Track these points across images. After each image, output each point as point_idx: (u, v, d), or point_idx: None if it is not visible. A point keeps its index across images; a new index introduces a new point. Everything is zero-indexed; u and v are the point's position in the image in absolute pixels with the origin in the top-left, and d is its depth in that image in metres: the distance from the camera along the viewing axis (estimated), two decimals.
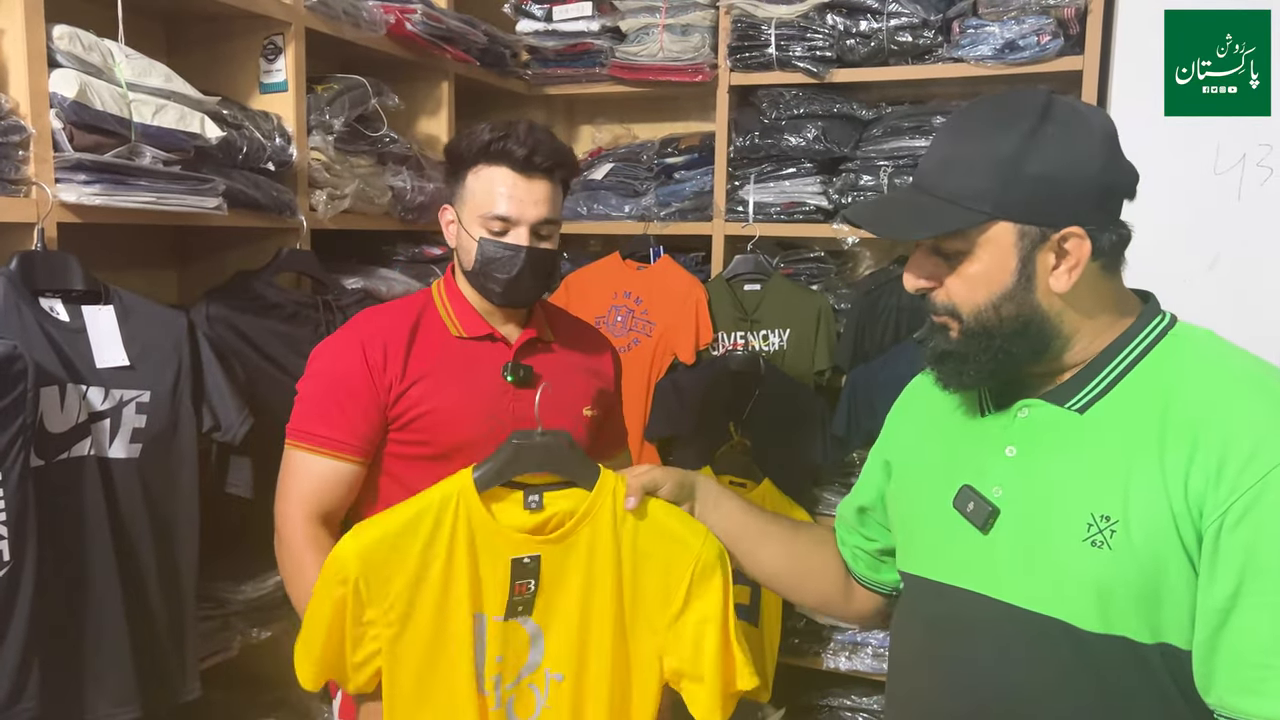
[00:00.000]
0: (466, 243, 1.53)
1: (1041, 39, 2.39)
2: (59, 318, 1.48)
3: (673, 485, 1.30)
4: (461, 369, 1.55)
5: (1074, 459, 0.99)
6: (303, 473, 1.47)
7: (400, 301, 1.65)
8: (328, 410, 1.48)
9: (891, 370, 2.50)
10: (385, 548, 1.21)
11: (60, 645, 1.45)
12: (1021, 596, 1.00)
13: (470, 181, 1.52)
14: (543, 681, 1.28)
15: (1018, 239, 0.97)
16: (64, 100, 1.47)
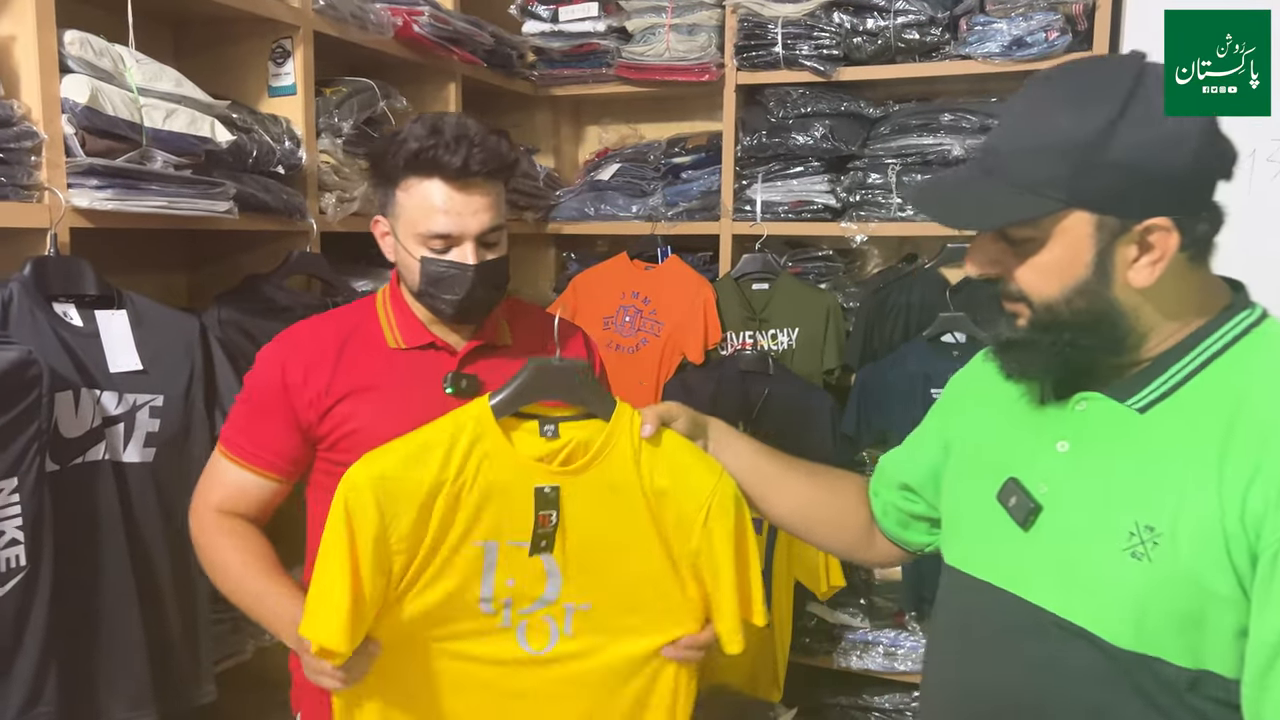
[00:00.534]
0: (407, 261, 1.41)
1: (1049, 35, 2.39)
2: (72, 323, 1.49)
3: (687, 420, 1.28)
4: (396, 383, 1.43)
5: (1126, 461, 0.92)
6: (220, 478, 1.42)
7: (341, 310, 1.56)
8: (249, 423, 1.42)
9: (901, 369, 2.50)
10: (397, 472, 1.18)
11: (76, 649, 1.45)
12: (1054, 602, 0.95)
13: (401, 197, 1.39)
14: (561, 615, 1.27)
15: (1095, 230, 0.89)
16: (76, 106, 1.47)
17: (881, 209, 2.62)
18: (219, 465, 1.42)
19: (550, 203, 2.98)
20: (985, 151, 0.96)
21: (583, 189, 2.99)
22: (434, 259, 1.38)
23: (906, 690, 2.69)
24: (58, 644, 1.37)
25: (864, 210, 2.64)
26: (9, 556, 1.31)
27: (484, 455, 1.20)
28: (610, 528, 1.24)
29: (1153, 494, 0.89)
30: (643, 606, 1.28)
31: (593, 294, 2.85)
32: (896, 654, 2.61)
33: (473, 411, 1.22)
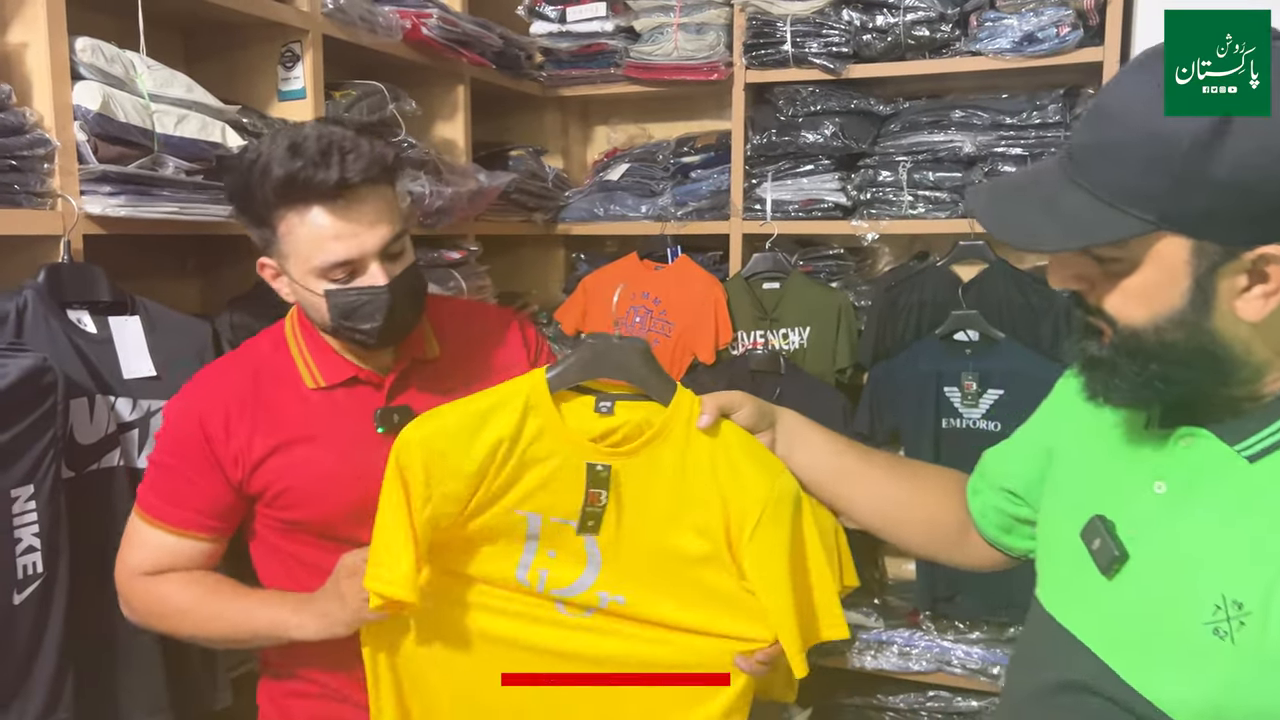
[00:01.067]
0: (310, 299, 1.27)
1: (1061, 30, 2.37)
2: (86, 329, 1.49)
3: (751, 410, 1.17)
4: (323, 428, 1.33)
5: (1224, 517, 0.80)
6: (143, 544, 1.32)
7: (249, 347, 1.41)
8: (171, 484, 1.31)
9: (913, 367, 2.50)
10: (446, 433, 1.15)
11: (94, 655, 1.46)
12: (1129, 669, 0.84)
13: (284, 233, 1.23)
14: (595, 603, 1.21)
15: (1191, 256, 0.76)
16: (88, 113, 1.48)
17: (892, 207, 2.61)
18: (141, 531, 1.32)
19: (559, 204, 2.98)
20: (1073, 142, 0.83)
21: (592, 189, 2.99)
22: (340, 290, 1.24)
23: (921, 690, 2.68)
24: (75, 650, 1.38)
25: (875, 208, 2.63)
26: (26, 563, 1.31)
27: (535, 426, 1.16)
28: (660, 517, 1.18)
29: (1247, 562, 0.77)
30: (698, 603, 1.19)
31: (602, 295, 2.85)
32: (911, 654, 2.60)
33: (529, 381, 1.17)
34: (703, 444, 1.16)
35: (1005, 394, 2.42)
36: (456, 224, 2.43)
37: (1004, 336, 2.43)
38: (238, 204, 1.28)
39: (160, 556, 1.32)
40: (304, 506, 1.33)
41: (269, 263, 1.31)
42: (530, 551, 1.20)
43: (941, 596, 2.52)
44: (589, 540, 1.19)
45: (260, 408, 1.32)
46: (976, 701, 2.63)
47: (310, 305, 1.29)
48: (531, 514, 1.19)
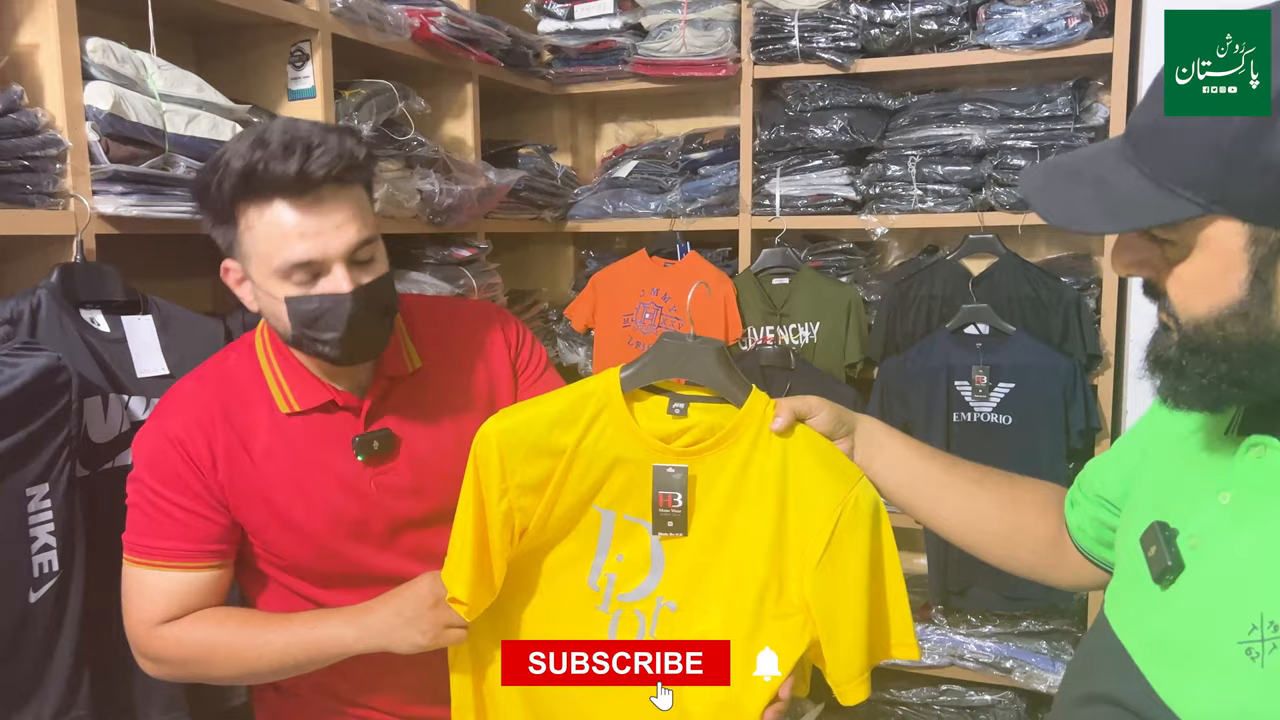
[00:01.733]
0: (271, 306, 1.20)
1: (1070, 22, 2.37)
2: (100, 328, 1.50)
3: (828, 415, 1.14)
4: (299, 461, 1.27)
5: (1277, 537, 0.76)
6: (148, 591, 1.24)
7: (215, 369, 1.32)
8: (161, 521, 1.24)
9: (923, 361, 2.50)
10: (523, 432, 1.16)
11: (110, 652, 1.46)
12: (1162, 681, 0.81)
13: (244, 230, 1.17)
14: (651, 610, 1.20)
15: (1249, 243, 0.72)
16: (99, 113, 1.48)
17: (902, 201, 2.60)
18: (143, 579, 1.25)
19: (568, 201, 2.99)
20: (1131, 121, 0.80)
21: (600, 187, 2.99)
22: (300, 296, 1.17)
23: (934, 684, 2.68)
24: (91, 647, 1.38)
25: (884, 202, 2.63)
26: (42, 562, 1.32)
27: (606, 425, 1.16)
28: (725, 523, 1.16)
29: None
30: (744, 615, 1.16)
31: (612, 291, 2.86)
32: (923, 648, 2.59)
33: (602, 381, 1.17)
34: (775, 448, 1.13)
35: (1016, 387, 2.42)
36: (466, 222, 2.44)
37: (1014, 330, 2.43)
38: (200, 201, 1.21)
39: (174, 600, 1.24)
40: (279, 544, 1.28)
41: (232, 266, 1.24)
42: (602, 554, 1.20)
43: (954, 590, 2.52)
44: (654, 545, 1.19)
45: (239, 435, 1.25)
46: (990, 696, 2.63)
47: (271, 313, 1.22)
48: (606, 510, 1.18)
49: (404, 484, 1.32)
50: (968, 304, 2.47)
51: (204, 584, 1.26)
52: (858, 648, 1.11)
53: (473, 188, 2.36)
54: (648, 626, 1.21)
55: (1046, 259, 2.70)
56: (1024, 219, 2.47)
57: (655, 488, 1.15)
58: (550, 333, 3.01)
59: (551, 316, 3.03)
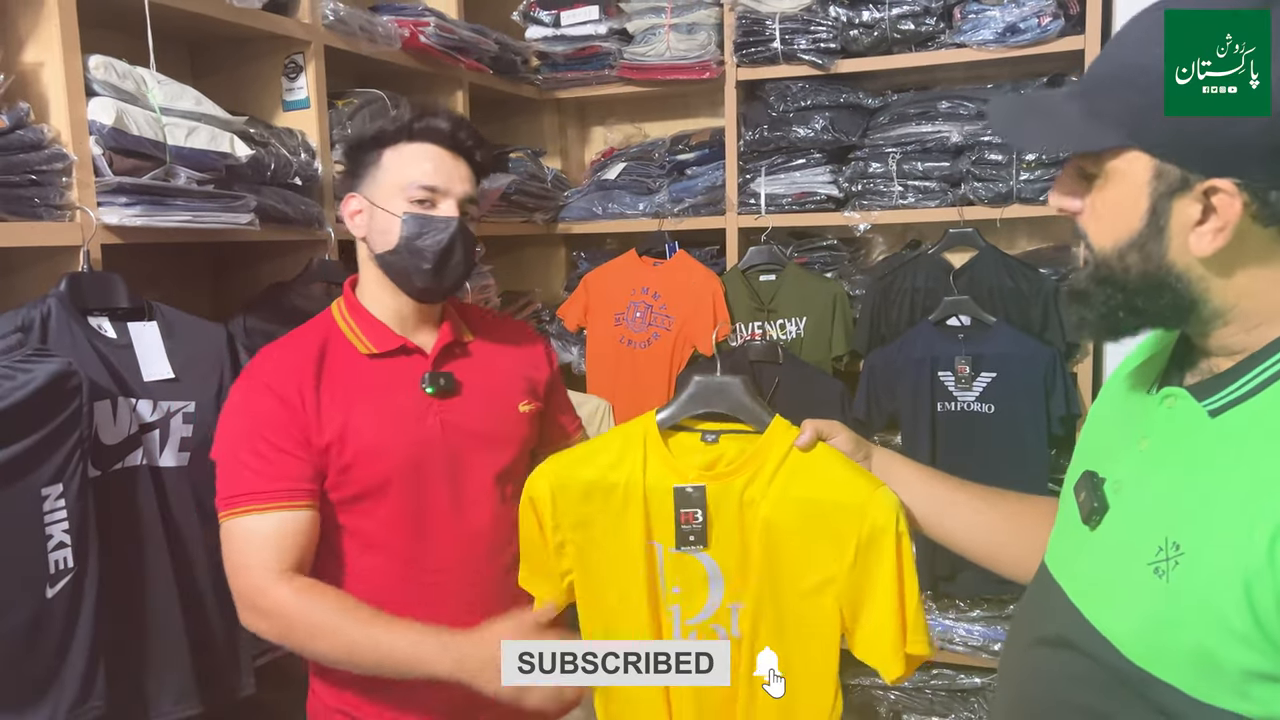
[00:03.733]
0: (385, 223, 1.42)
1: (1042, 20, 2.43)
2: (107, 335, 1.55)
3: (847, 439, 1.25)
4: (377, 391, 1.43)
5: (1185, 469, 0.83)
6: (251, 539, 1.33)
7: (298, 331, 1.50)
8: (252, 464, 1.35)
9: (908, 352, 2.55)
10: (572, 474, 1.30)
11: (124, 646, 1.51)
12: (1090, 606, 0.89)
13: (389, 159, 1.43)
14: (728, 619, 1.29)
15: (1152, 177, 0.80)
16: (102, 127, 1.54)
17: (884, 197, 2.66)
18: (241, 529, 1.34)
19: (559, 203, 3.04)
20: (1085, 76, 0.89)
21: (590, 189, 3.05)
22: (417, 213, 1.42)
23: (924, 668, 2.73)
24: (106, 641, 1.43)
25: (866, 199, 2.69)
26: (57, 559, 1.37)
27: (647, 461, 1.28)
28: (756, 534, 1.25)
29: (1190, 508, 0.80)
30: (796, 620, 1.26)
31: (603, 291, 2.91)
32: None
33: (642, 422, 1.31)
34: (798, 464, 1.24)
35: (998, 376, 2.48)
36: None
37: (995, 320, 2.49)
38: (355, 142, 1.49)
39: (282, 543, 1.33)
40: (360, 466, 1.40)
41: (355, 197, 1.47)
42: (661, 590, 1.30)
43: (942, 575, 2.58)
44: (705, 560, 1.28)
45: (324, 375, 1.42)
46: (980, 679, 2.69)
47: (381, 230, 1.43)
48: (658, 544, 1.29)
49: (462, 421, 1.48)
50: (950, 296, 2.53)
51: (301, 525, 1.35)
52: (892, 630, 1.20)
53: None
54: (728, 633, 1.29)
55: (1026, 251, 2.76)
56: (1002, 213, 2.53)
57: (676, 506, 1.26)
58: (544, 332, 3.07)
59: (544, 316, 3.09)
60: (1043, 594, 0.98)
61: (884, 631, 1.20)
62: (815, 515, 1.22)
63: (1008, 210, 2.53)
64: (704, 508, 1.26)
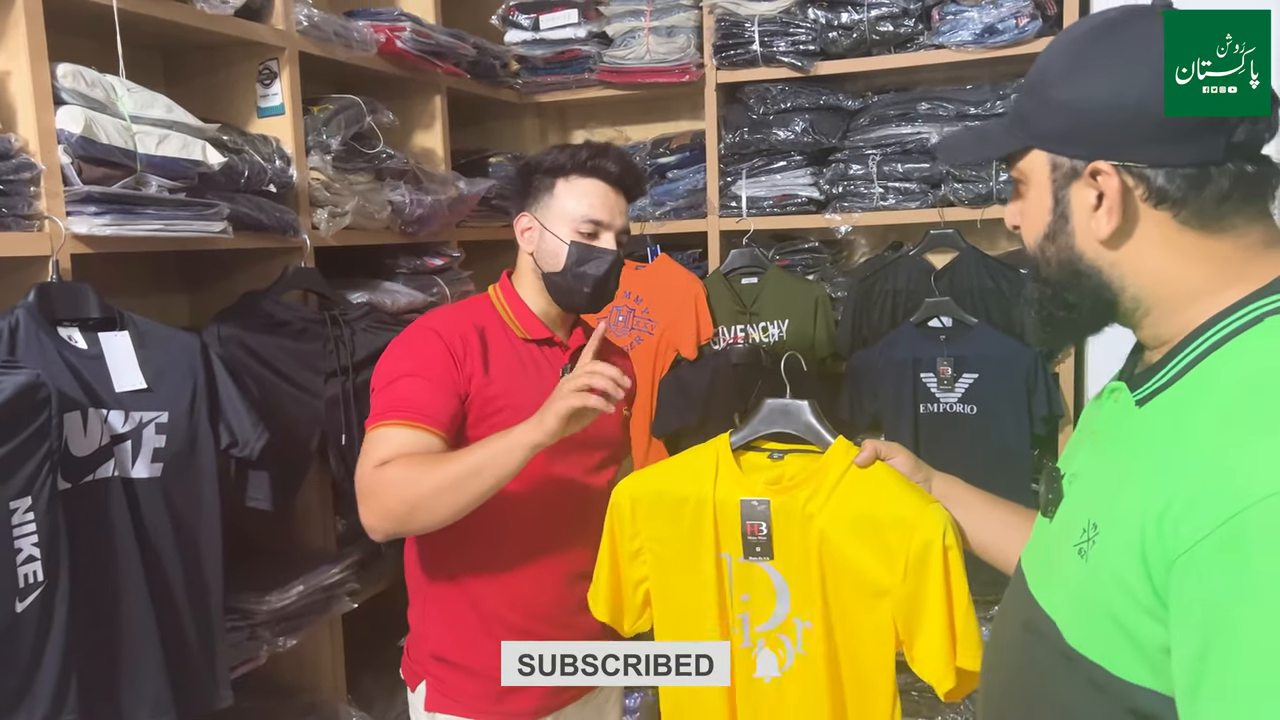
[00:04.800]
0: (554, 246, 1.62)
1: (1020, 21, 2.44)
2: (77, 345, 1.53)
3: (906, 459, 1.31)
4: (529, 369, 1.63)
5: (1111, 457, 0.88)
6: (381, 443, 1.46)
7: (461, 305, 1.72)
8: (407, 390, 1.50)
9: (890, 355, 2.55)
10: (651, 487, 1.41)
11: (97, 659, 1.50)
12: (1039, 590, 0.93)
13: (561, 189, 1.62)
14: (793, 632, 1.35)
15: (1050, 170, 0.88)
16: (71, 136, 1.52)
17: (864, 199, 2.66)
18: (382, 435, 1.47)
19: None
20: None
21: None
22: (583, 243, 1.61)
23: None
24: (78, 655, 1.42)
25: (847, 201, 2.69)
26: (27, 572, 1.35)
27: (718, 477, 1.37)
28: (818, 548, 1.30)
29: (1107, 492, 0.84)
30: (855, 633, 1.31)
31: None
32: None
33: (715, 443, 1.40)
34: (855, 481, 1.30)
35: (980, 378, 2.48)
36: (439, 231, 2.48)
37: (977, 321, 2.49)
38: (529, 168, 1.68)
39: (392, 449, 1.45)
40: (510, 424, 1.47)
41: (526, 216, 1.67)
42: (731, 596, 1.38)
43: None
44: (771, 572, 1.35)
45: (488, 342, 1.60)
46: None
47: (550, 252, 1.63)
48: (727, 555, 1.37)
49: None
50: (931, 298, 2.53)
51: (424, 442, 1.47)
52: (942, 646, 1.24)
53: (443, 197, 2.41)
54: (794, 645, 1.36)
55: (1007, 251, 2.76)
56: (982, 213, 2.53)
57: (743, 519, 1.35)
58: None
59: None
60: (1015, 585, 1.02)
61: (935, 645, 1.24)
62: (868, 530, 1.27)
63: (988, 211, 2.53)
64: (768, 520, 1.33)
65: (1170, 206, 0.82)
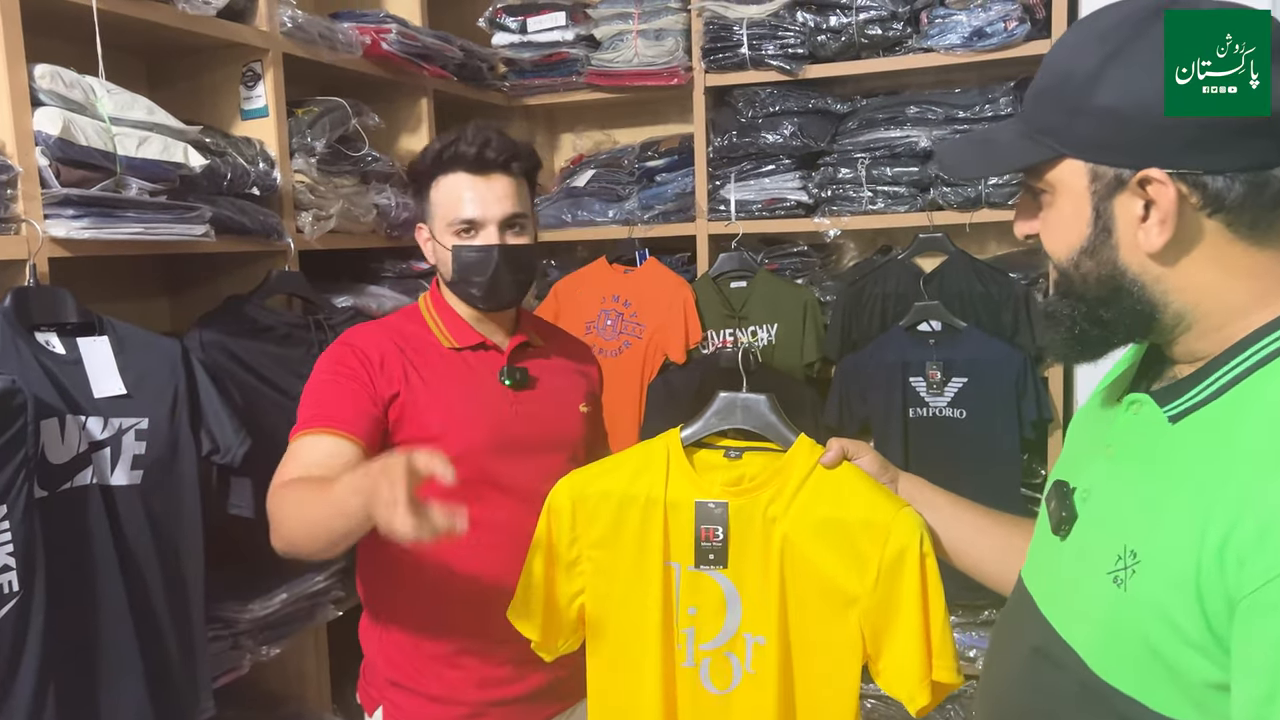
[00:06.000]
0: (442, 254, 1.55)
1: (1008, 25, 2.43)
2: (55, 351, 1.51)
3: (873, 459, 1.24)
4: (458, 378, 1.55)
5: (1144, 476, 0.82)
6: (293, 456, 1.39)
7: (388, 318, 1.65)
8: (323, 397, 1.45)
9: (879, 359, 2.54)
10: (594, 488, 1.29)
11: (76, 670, 1.48)
12: (1057, 616, 0.88)
13: (433, 195, 1.55)
14: (742, 649, 1.25)
15: (1090, 180, 0.81)
16: (49, 138, 1.50)
17: (853, 203, 2.65)
18: (294, 447, 1.41)
19: None
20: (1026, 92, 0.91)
21: (559, 196, 3.02)
22: (463, 245, 1.52)
23: None
24: (55, 666, 1.39)
25: (836, 205, 2.67)
26: (2, 583, 1.33)
27: (669, 476, 1.26)
28: (778, 554, 1.22)
29: (1147, 516, 0.79)
30: (815, 648, 1.22)
31: (574, 299, 2.89)
32: None
33: (665, 439, 1.29)
34: (821, 482, 1.22)
35: (969, 382, 2.47)
36: None
37: (966, 325, 2.48)
38: (412, 178, 1.63)
39: (310, 463, 1.37)
40: (441, 440, 1.43)
41: (423, 227, 1.60)
42: (676, 610, 1.27)
43: None
44: (723, 582, 1.25)
45: (409, 355, 1.53)
46: None
47: (442, 261, 1.56)
48: (675, 564, 1.26)
49: (536, 412, 1.59)
50: (920, 301, 2.52)
51: (345, 452, 1.38)
52: (915, 658, 1.16)
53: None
54: (742, 664, 1.25)
55: (996, 255, 2.76)
56: (972, 217, 2.52)
57: (697, 522, 1.24)
58: None
59: None
60: (1018, 605, 0.97)
61: (908, 658, 1.16)
62: (837, 534, 1.19)
63: (977, 215, 2.52)
64: (725, 525, 1.23)
65: (1225, 215, 0.77)
